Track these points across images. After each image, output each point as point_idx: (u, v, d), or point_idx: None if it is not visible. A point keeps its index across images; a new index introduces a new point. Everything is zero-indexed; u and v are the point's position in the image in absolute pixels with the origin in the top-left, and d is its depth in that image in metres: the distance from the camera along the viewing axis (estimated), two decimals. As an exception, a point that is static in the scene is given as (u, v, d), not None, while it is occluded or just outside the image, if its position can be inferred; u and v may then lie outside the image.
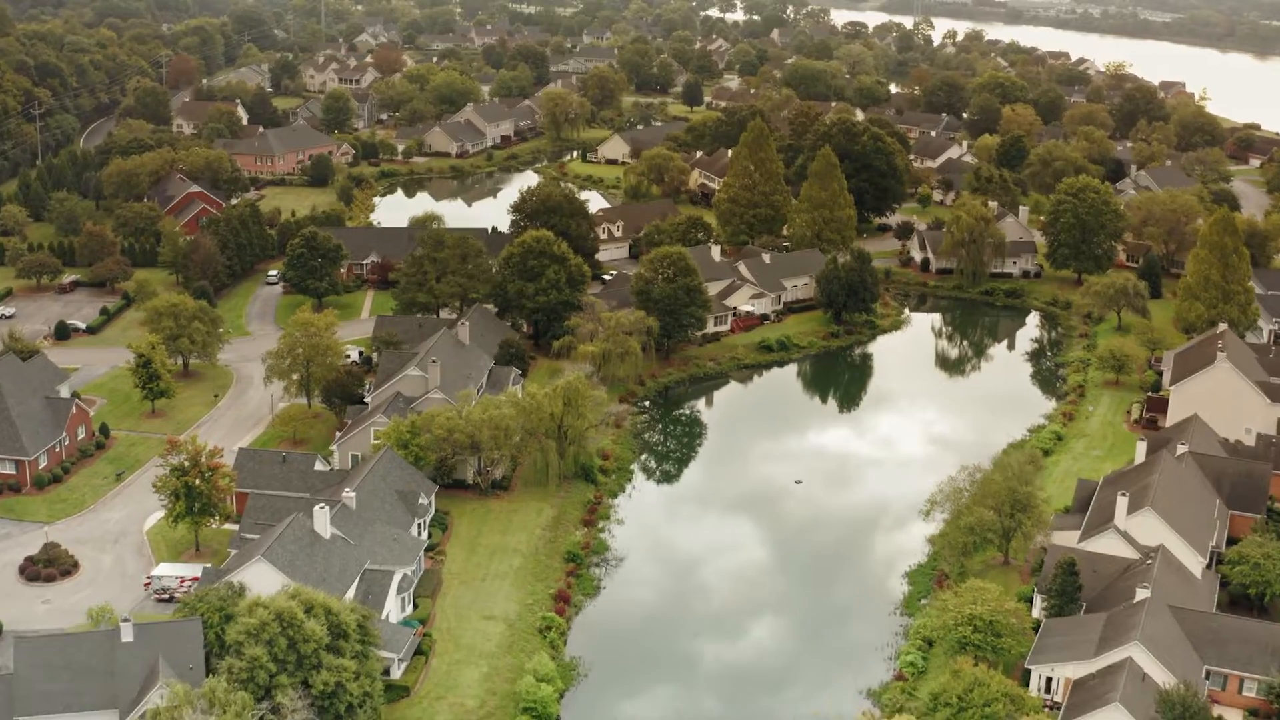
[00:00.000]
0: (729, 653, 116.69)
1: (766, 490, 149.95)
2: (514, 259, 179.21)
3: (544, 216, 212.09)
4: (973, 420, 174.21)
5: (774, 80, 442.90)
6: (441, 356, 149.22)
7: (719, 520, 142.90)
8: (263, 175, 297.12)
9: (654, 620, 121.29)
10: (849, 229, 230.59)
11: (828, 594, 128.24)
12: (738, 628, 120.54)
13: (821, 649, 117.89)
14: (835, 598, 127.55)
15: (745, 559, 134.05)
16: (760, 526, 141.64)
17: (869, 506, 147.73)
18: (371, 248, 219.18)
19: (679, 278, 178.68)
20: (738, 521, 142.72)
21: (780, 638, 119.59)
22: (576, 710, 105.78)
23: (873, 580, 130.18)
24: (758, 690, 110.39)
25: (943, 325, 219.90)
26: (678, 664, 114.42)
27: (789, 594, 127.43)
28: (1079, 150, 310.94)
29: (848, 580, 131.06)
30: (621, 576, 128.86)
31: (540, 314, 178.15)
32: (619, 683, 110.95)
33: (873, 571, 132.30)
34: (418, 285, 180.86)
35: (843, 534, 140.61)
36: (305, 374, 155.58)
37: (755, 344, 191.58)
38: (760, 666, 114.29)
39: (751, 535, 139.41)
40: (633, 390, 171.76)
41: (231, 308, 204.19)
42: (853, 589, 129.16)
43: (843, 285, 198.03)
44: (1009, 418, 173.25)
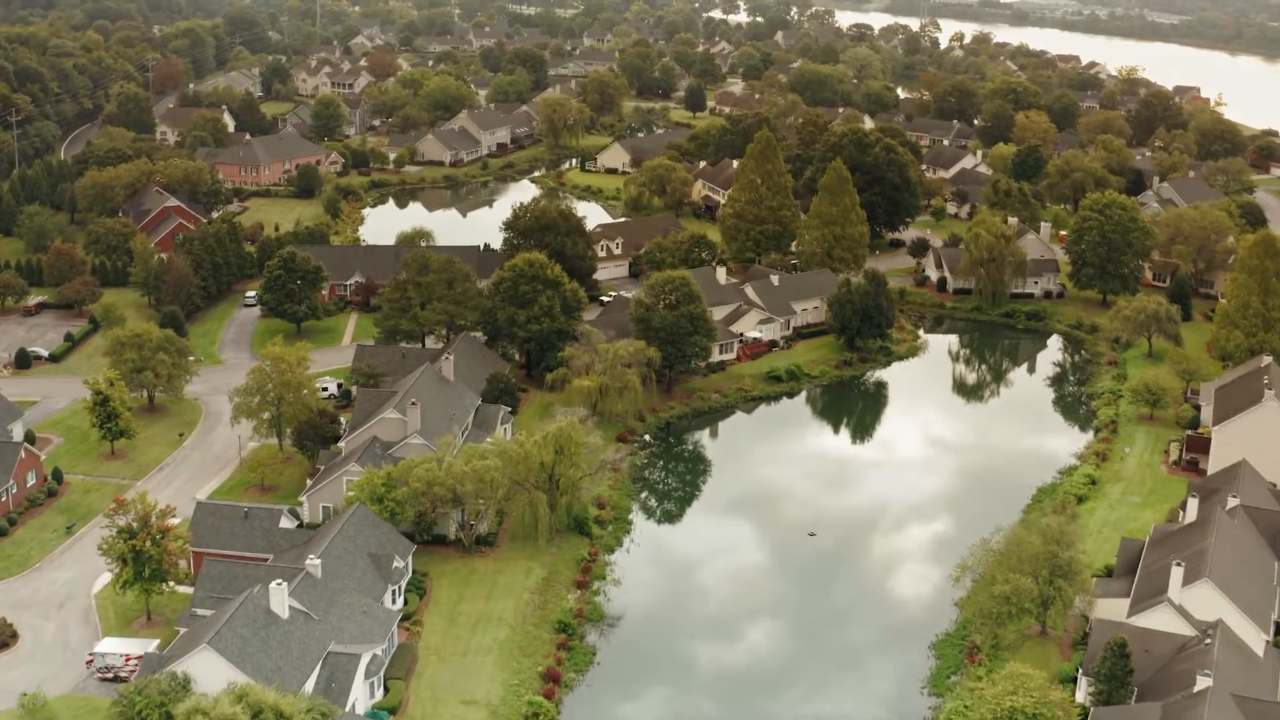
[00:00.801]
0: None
1: (777, 542, 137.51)
2: (504, 284, 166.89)
3: (538, 234, 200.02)
4: (998, 459, 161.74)
5: (779, 85, 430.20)
6: (423, 396, 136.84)
7: (725, 579, 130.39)
8: (247, 186, 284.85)
9: (656, 698, 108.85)
10: (861, 247, 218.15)
11: (847, 669, 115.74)
12: (748, 703, 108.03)
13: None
14: (855, 673, 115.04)
15: (754, 625, 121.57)
16: (771, 586, 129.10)
17: (888, 562, 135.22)
18: (355, 267, 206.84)
19: (681, 304, 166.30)
20: (746, 581, 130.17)
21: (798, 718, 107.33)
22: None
23: (895, 651, 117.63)
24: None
25: (961, 350, 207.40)
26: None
27: (804, 668, 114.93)
28: (1098, 160, 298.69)
29: (869, 652, 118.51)
30: (619, 644, 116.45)
31: (532, 343, 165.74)
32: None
33: (895, 641, 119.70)
34: (401, 311, 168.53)
35: (861, 596, 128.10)
36: (276, 413, 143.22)
37: (763, 373, 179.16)
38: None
39: (761, 597, 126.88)
40: (632, 427, 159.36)
41: (205, 333, 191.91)
42: (874, 662, 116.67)
43: (856, 310, 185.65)
44: (1037, 456, 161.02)
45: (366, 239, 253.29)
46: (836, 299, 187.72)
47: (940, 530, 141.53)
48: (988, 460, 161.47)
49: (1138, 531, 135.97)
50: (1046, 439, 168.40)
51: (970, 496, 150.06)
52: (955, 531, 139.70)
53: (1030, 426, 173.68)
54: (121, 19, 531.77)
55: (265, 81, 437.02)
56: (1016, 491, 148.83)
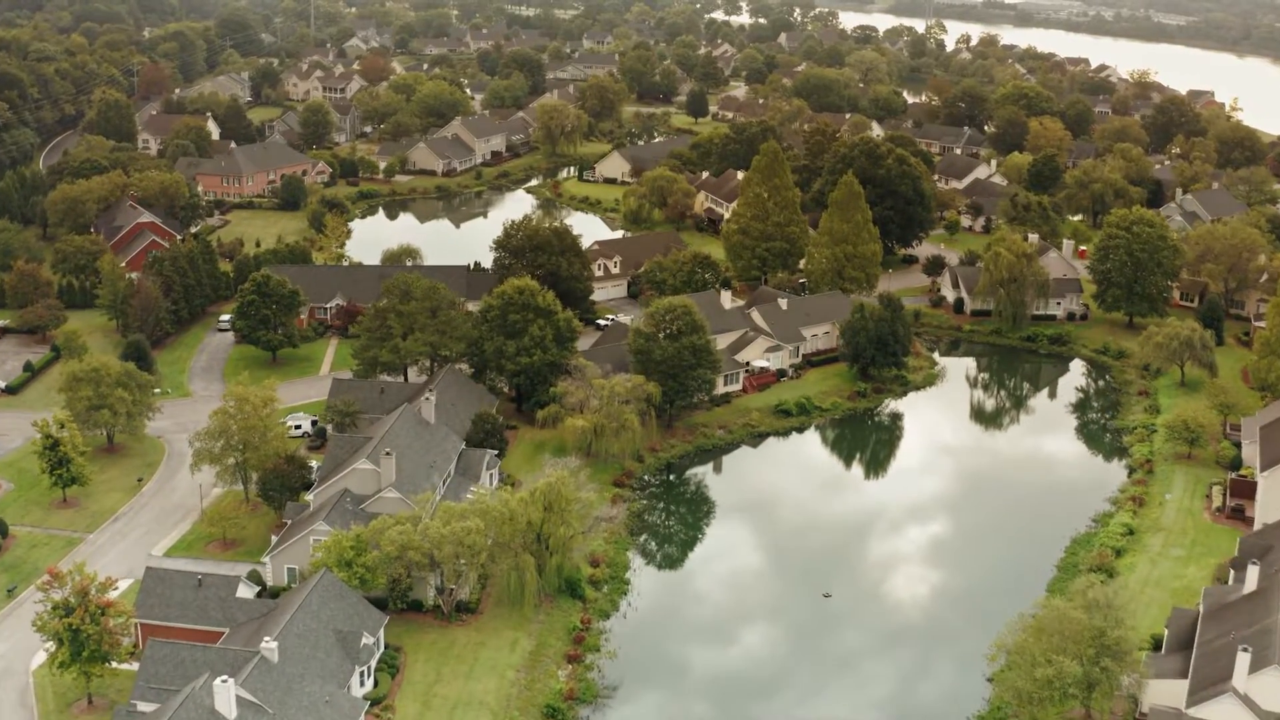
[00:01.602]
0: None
1: (789, 603, 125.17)
2: (492, 313, 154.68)
3: (531, 255, 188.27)
4: (1027, 504, 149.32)
5: (784, 89, 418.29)
6: (400, 443, 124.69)
7: (732, 649, 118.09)
8: (229, 198, 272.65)
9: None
10: (874, 266, 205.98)
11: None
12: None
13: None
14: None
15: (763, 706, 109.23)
16: (782, 659, 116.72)
17: (911, 631, 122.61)
18: (336, 289, 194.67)
19: (683, 335, 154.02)
20: (755, 654, 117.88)
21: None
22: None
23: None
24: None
25: (980, 377, 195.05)
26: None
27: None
28: (1116, 169, 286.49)
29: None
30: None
31: (522, 376, 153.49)
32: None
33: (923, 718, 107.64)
34: (380, 341, 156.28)
35: (882, 671, 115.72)
36: (240, 459, 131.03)
37: (772, 407, 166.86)
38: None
39: (771, 673, 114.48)
40: (629, 469, 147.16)
41: (174, 360, 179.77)
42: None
43: (870, 337, 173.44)
44: (1068, 500, 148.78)
45: (352, 254, 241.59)
46: (849, 325, 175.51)
47: (967, 588, 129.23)
48: (1015, 504, 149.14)
49: (1183, 592, 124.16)
50: (1077, 479, 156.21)
51: (999, 547, 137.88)
52: (984, 590, 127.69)
53: (1058, 465, 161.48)
54: (110, 21, 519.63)
55: (255, 86, 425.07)
56: (1048, 542, 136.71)
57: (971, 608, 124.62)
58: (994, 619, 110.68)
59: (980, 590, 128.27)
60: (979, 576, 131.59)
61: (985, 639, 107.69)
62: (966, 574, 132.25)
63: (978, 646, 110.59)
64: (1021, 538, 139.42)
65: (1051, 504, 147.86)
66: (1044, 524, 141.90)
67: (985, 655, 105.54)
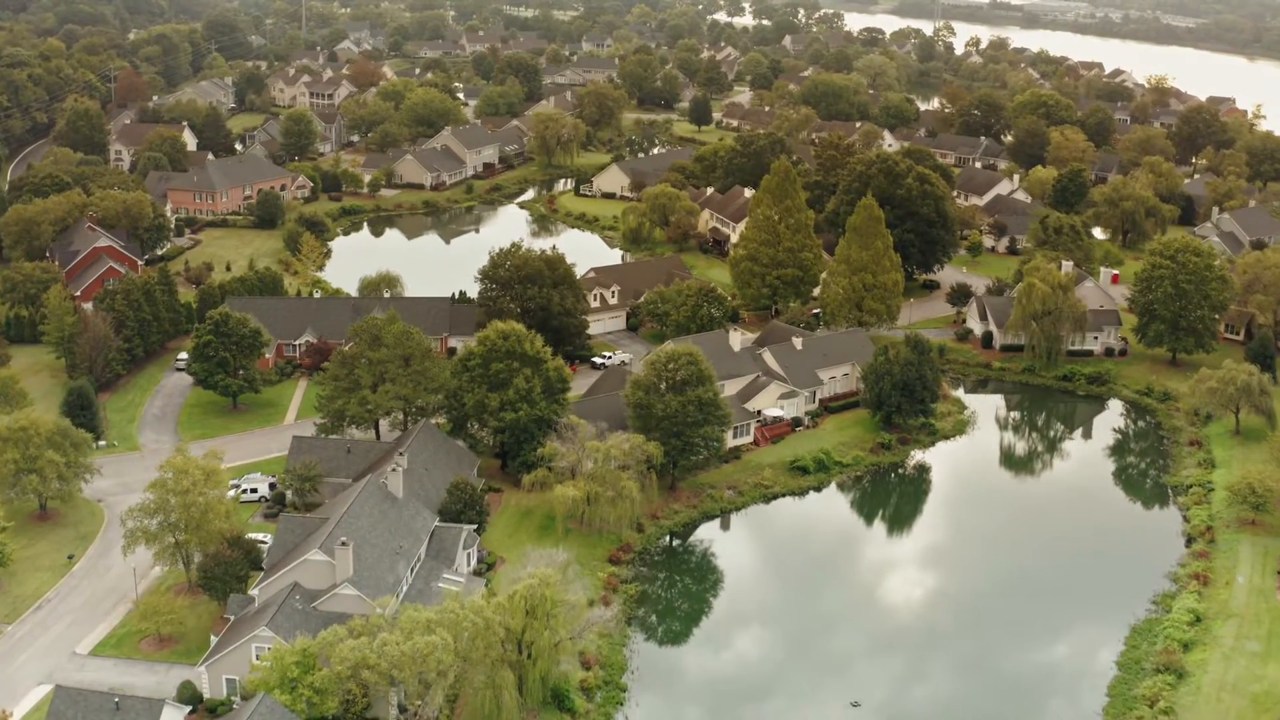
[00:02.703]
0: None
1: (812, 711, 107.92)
2: (473, 361, 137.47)
3: (520, 287, 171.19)
4: (1075, 580, 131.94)
5: (790, 96, 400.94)
6: (361, 525, 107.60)
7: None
8: (202, 214, 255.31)
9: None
10: (895, 297, 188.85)
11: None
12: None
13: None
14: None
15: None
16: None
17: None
18: (307, 323, 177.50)
19: (688, 386, 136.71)
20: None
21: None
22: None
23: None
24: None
25: (1014, 423, 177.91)
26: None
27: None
28: (1145, 184, 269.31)
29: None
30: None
31: (507, 434, 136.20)
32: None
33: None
34: (347, 392, 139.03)
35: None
36: (179, 540, 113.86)
37: (786, 463, 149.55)
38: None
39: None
40: (627, 541, 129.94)
41: (125, 406, 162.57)
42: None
43: (896, 383, 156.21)
44: (1121, 574, 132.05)
45: (330, 278, 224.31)
46: (872, 370, 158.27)
47: (1017, 686, 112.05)
48: (1064, 582, 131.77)
49: (1264, 699, 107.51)
50: (1130, 550, 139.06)
51: (1050, 635, 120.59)
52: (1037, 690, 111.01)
53: (1108, 532, 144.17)
54: (95, 24, 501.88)
55: (239, 92, 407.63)
56: (1104, 630, 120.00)
57: (1025, 712, 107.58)
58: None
59: (1033, 690, 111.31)
60: (1029, 673, 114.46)
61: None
62: (1015, 669, 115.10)
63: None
64: (1075, 623, 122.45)
65: (1104, 581, 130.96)
66: (1097, 605, 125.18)
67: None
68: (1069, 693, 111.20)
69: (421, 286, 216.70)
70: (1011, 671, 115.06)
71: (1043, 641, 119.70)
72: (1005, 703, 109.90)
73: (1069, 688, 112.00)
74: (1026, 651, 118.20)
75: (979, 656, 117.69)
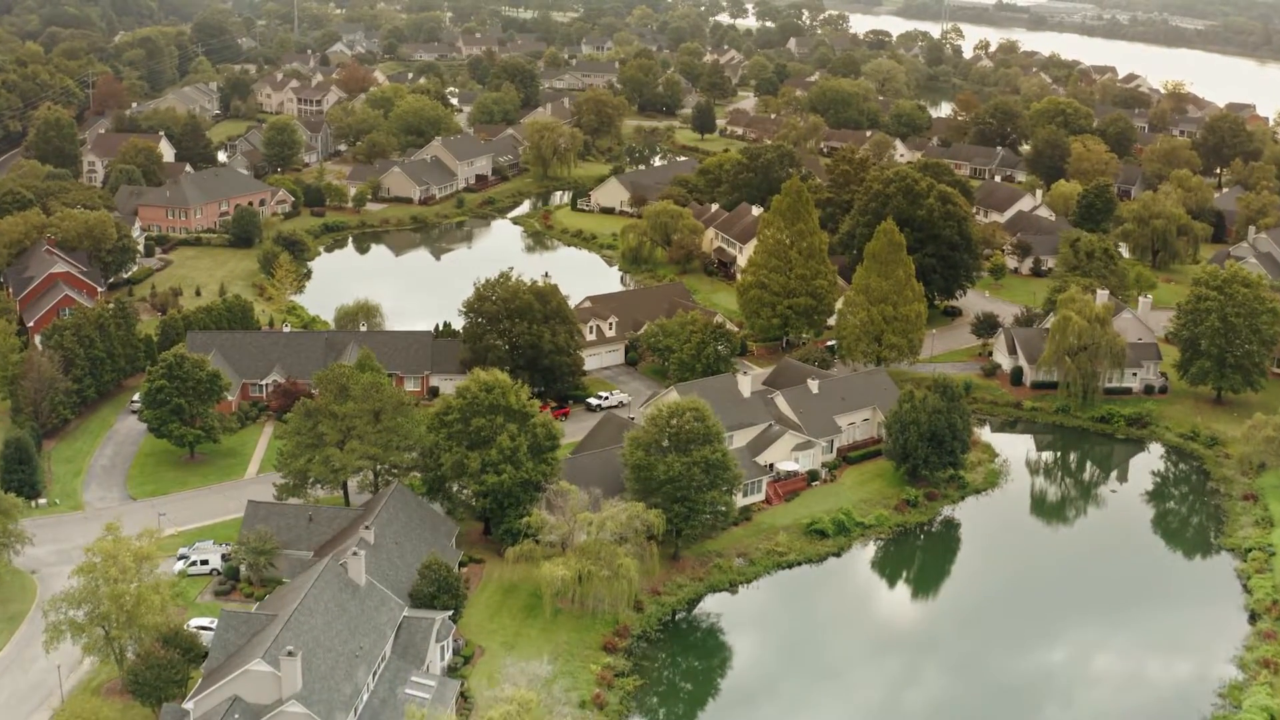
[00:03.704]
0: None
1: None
2: (451, 416, 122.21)
3: (508, 321, 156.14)
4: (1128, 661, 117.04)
5: (797, 103, 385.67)
6: (315, 624, 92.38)
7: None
8: (174, 232, 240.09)
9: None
10: (917, 330, 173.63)
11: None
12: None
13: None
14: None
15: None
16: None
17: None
18: (275, 361, 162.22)
19: (694, 445, 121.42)
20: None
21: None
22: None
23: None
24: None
25: (1049, 472, 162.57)
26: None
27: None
28: (1175, 200, 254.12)
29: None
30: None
31: (489, 498, 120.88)
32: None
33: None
34: (310, 449, 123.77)
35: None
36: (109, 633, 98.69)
37: (803, 526, 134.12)
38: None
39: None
40: (624, 625, 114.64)
41: (72, 455, 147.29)
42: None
43: (923, 433, 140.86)
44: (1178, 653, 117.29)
45: (307, 303, 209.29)
46: (897, 419, 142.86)
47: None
48: (1116, 666, 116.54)
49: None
50: (1187, 624, 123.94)
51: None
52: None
53: (1161, 603, 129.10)
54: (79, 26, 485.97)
55: (224, 98, 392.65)
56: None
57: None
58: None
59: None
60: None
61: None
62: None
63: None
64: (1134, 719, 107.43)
65: (1161, 665, 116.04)
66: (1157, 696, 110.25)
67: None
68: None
69: (406, 313, 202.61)
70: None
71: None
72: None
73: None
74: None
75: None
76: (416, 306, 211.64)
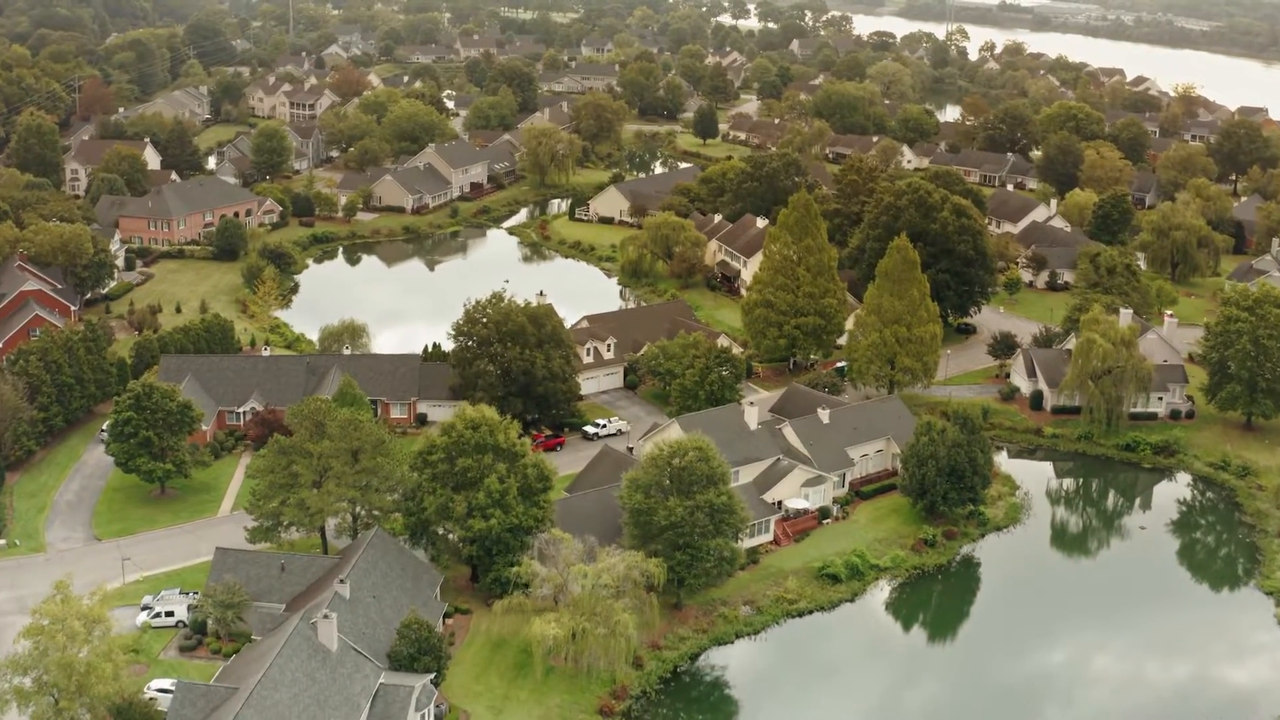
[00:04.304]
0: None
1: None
2: (435, 455, 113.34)
3: (499, 345, 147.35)
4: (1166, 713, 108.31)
5: (801, 107, 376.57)
6: (280, 699, 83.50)
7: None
8: (156, 244, 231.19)
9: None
10: (933, 352, 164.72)
11: None
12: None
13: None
14: None
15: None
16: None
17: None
18: (253, 387, 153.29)
19: (697, 488, 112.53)
20: None
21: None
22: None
23: None
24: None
25: (1072, 505, 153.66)
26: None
27: None
28: (1194, 210, 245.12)
29: None
30: None
31: (476, 545, 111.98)
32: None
33: None
34: (284, 489, 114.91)
35: None
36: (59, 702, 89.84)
37: (814, 570, 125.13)
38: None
39: None
40: (621, 686, 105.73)
41: (36, 490, 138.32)
42: None
43: (942, 468, 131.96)
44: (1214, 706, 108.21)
45: (292, 319, 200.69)
46: (914, 453, 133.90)
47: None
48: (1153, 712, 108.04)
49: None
50: (1229, 681, 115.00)
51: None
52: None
53: (1196, 643, 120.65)
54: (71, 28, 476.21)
55: (214, 102, 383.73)
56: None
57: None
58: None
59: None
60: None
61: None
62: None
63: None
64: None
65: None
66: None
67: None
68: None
69: (396, 330, 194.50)
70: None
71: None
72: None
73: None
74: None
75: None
76: (407, 322, 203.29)
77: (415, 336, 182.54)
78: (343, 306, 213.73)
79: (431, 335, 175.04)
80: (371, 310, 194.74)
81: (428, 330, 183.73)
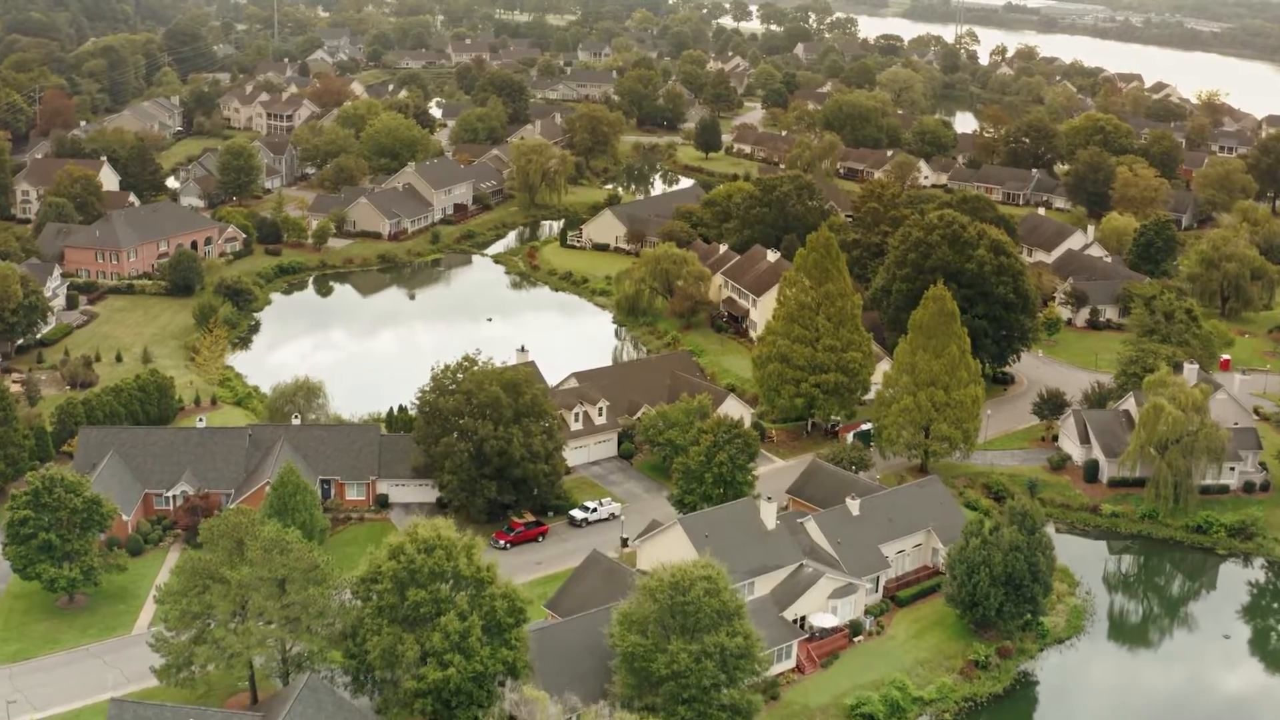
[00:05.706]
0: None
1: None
2: (382, 586, 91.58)
3: (470, 419, 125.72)
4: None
5: (809, 117, 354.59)
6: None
7: None
8: (105, 277, 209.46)
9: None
10: (973, 419, 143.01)
11: None
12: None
13: None
14: None
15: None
16: None
17: None
18: (184, 466, 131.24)
19: (704, 626, 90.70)
20: None
21: None
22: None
23: None
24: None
25: (1137, 600, 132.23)
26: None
27: None
28: (1244, 237, 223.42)
29: None
30: None
31: (432, 698, 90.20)
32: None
33: None
34: (197, 620, 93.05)
35: None
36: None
37: (846, 709, 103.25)
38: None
39: None
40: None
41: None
42: None
43: (996, 577, 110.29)
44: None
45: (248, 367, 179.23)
46: (962, 558, 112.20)
47: None
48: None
49: None
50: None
51: None
52: None
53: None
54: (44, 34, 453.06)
55: (187, 113, 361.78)
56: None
57: None
58: None
59: None
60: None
61: None
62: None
63: None
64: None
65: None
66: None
67: None
68: None
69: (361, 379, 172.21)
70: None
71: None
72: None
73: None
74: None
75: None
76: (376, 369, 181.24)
77: (382, 392, 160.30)
78: (306, 349, 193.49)
79: (402, 389, 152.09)
80: (338, 353, 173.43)
81: (398, 382, 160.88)
